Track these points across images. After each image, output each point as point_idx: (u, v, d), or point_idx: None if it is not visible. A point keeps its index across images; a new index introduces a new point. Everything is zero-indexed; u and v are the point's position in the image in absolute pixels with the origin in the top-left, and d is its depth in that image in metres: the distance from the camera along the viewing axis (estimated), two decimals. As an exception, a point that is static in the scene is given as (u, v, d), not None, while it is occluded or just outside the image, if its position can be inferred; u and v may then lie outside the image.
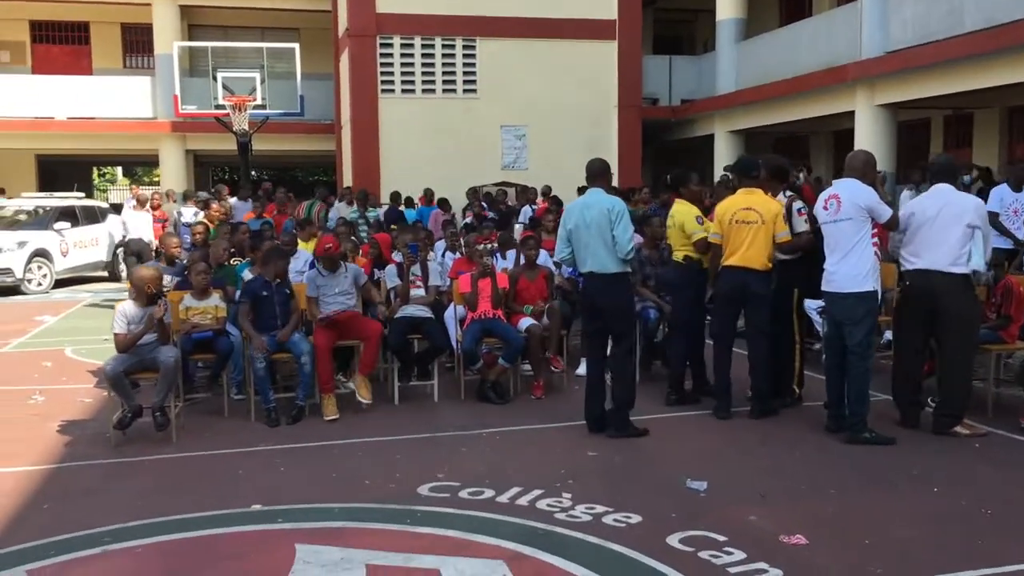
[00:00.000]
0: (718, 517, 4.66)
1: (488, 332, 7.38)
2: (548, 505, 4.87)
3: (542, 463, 5.65)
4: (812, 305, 8.13)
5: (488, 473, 5.42)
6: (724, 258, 6.56)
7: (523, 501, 4.94)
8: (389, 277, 7.73)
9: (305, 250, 8.91)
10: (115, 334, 6.23)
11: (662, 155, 23.53)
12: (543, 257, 8.08)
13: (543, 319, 7.51)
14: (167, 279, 7.75)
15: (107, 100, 22.60)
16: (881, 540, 4.38)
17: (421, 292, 7.63)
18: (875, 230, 5.92)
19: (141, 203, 15.15)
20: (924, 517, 4.71)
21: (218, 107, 16.43)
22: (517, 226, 10.45)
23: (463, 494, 5.06)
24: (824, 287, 6.07)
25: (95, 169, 42.07)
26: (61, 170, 27.11)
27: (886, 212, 5.88)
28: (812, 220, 6.40)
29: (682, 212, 6.96)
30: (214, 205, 11.79)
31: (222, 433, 6.49)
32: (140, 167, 40.07)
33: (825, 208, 6.01)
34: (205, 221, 11.70)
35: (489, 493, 5.06)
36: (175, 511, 4.84)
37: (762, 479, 5.28)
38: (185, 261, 8.16)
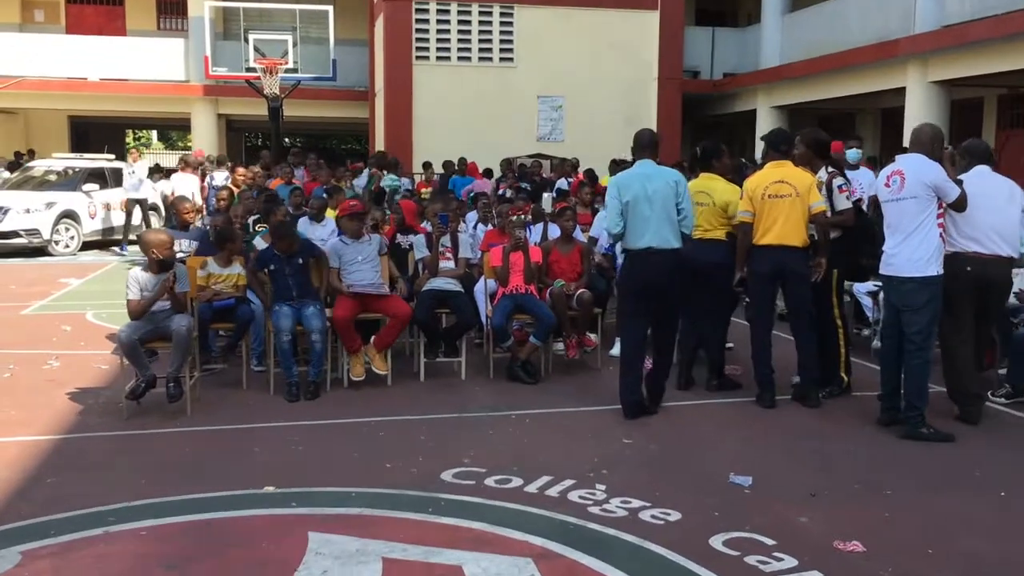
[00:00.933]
0: (765, 517, 4.29)
1: (520, 308, 7.03)
2: (580, 497, 4.52)
3: (574, 450, 5.31)
4: (861, 288, 7.74)
5: (516, 459, 5.08)
6: (757, 236, 6.13)
7: (553, 492, 4.60)
8: (418, 248, 7.37)
9: (332, 218, 8.61)
10: (128, 300, 5.95)
11: (702, 130, 22.86)
12: (576, 232, 7.70)
13: (572, 299, 7.11)
14: (184, 244, 7.47)
15: (140, 62, 22.42)
16: (945, 550, 4.00)
17: (451, 265, 7.26)
18: (940, 211, 5.47)
19: (190, 165, 14.92)
20: (990, 525, 4.31)
21: (249, 70, 16.12)
22: (546, 196, 10.02)
23: (489, 482, 4.73)
24: (883, 270, 5.64)
25: (131, 132, 42.20)
26: (94, 132, 27.06)
27: (954, 191, 5.41)
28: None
29: (726, 191, 6.50)
30: (239, 169, 11.49)
31: (239, 406, 6.20)
32: (173, 131, 39.97)
33: (887, 185, 5.57)
34: (230, 186, 11.45)
35: (517, 482, 4.73)
36: (184, 490, 4.55)
37: (811, 475, 4.90)
38: (204, 225, 7.86)
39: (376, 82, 20.53)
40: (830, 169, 6.36)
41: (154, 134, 43.64)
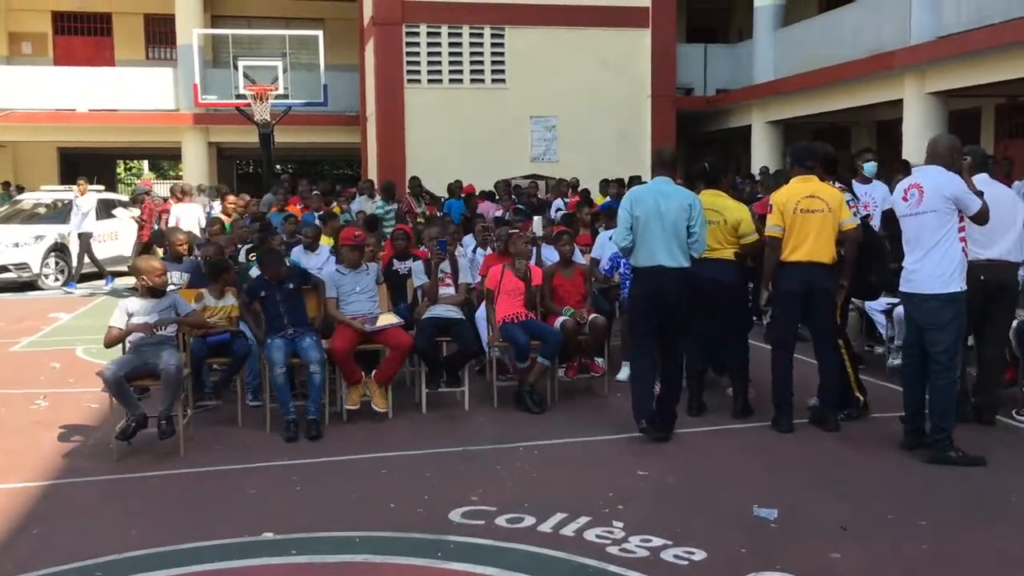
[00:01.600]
0: (795, 554, 4.04)
1: (525, 332, 6.79)
2: (597, 536, 4.27)
3: (587, 484, 5.06)
4: (875, 306, 7.52)
5: (528, 495, 4.83)
6: (786, 253, 5.90)
7: (568, 531, 4.35)
8: (416, 275, 7.13)
9: (327, 246, 8.38)
10: (108, 327, 5.74)
11: (696, 147, 22.77)
12: (575, 254, 7.50)
13: (584, 326, 6.89)
14: (176, 276, 7.23)
15: (129, 92, 22.21)
16: (990, 585, 3.76)
17: (451, 291, 7.03)
18: (962, 223, 5.26)
19: (186, 193, 14.52)
20: (1034, 556, 4.07)
21: (239, 97, 15.94)
22: (537, 219, 9.79)
23: (500, 521, 4.48)
24: (903, 287, 5.42)
25: (122, 163, 41.95)
26: (84, 163, 26.78)
27: (975, 203, 5.20)
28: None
29: (737, 208, 6.30)
30: (229, 197, 11.25)
31: (234, 446, 5.94)
32: (165, 160, 39.75)
33: (905, 199, 5.36)
34: (221, 216, 11.21)
35: (530, 520, 4.47)
36: (177, 539, 4.29)
37: (839, 506, 4.66)
38: (197, 258, 7.62)
39: (368, 106, 20.34)
40: (837, 184, 6.17)
41: (145, 164, 43.45)
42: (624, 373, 7.60)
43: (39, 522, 4.60)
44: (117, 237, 17.18)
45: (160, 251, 8.56)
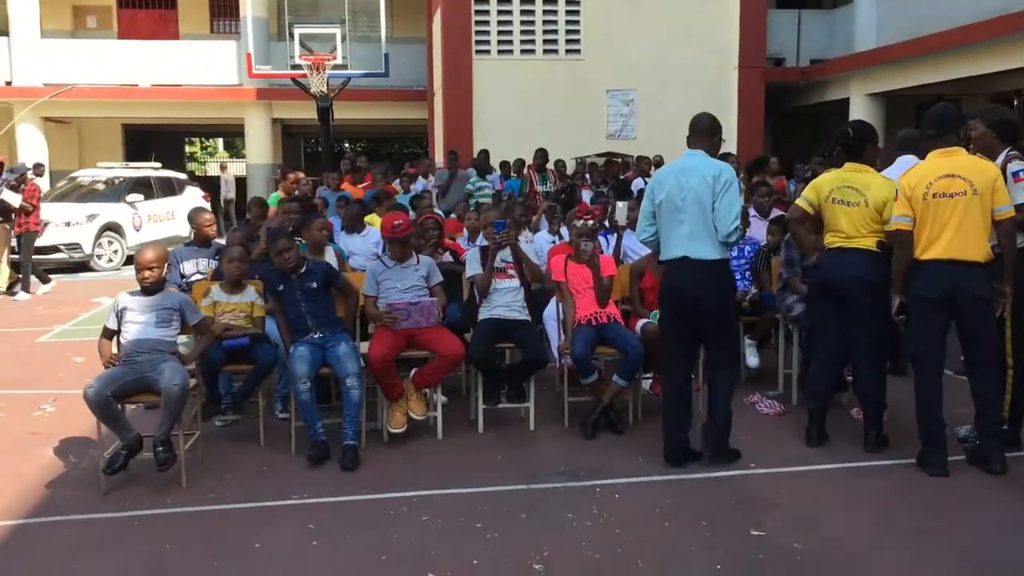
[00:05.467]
0: None
1: (600, 339, 5.62)
2: (704, 638, 3.12)
3: (684, 547, 3.89)
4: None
5: (606, 563, 3.69)
6: (919, 250, 4.65)
7: (664, 627, 3.20)
8: (470, 264, 5.95)
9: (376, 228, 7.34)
10: (105, 327, 4.80)
11: (786, 123, 21.22)
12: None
13: None
14: (203, 263, 6.25)
15: (192, 66, 21.63)
16: None
17: (511, 284, 5.78)
18: None
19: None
20: None
21: (295, 67, 14.97)
22: (620, 206, 8.39)
23: (571, 606, 3.36)
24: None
25: (198, 141, 41.75)
26: (153, 141, 26.41)
27: None
28: None
29: (883, 186, 4.95)
30: (289, 175, 10.26)
31: (248, 473, 4.91)
32: (237, 138, 39.25)
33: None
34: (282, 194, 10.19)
35: (610, 607, 3.34)
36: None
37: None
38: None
39: (434, 80, 19.30)
40: (1011, 151, 4.81)
41: (219, 142, 43.17)
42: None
43: (-14, 583, 3.65)
44: (174, 216, 16.51)
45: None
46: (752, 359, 6.62)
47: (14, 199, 11.35)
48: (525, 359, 5.59)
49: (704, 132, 4.83)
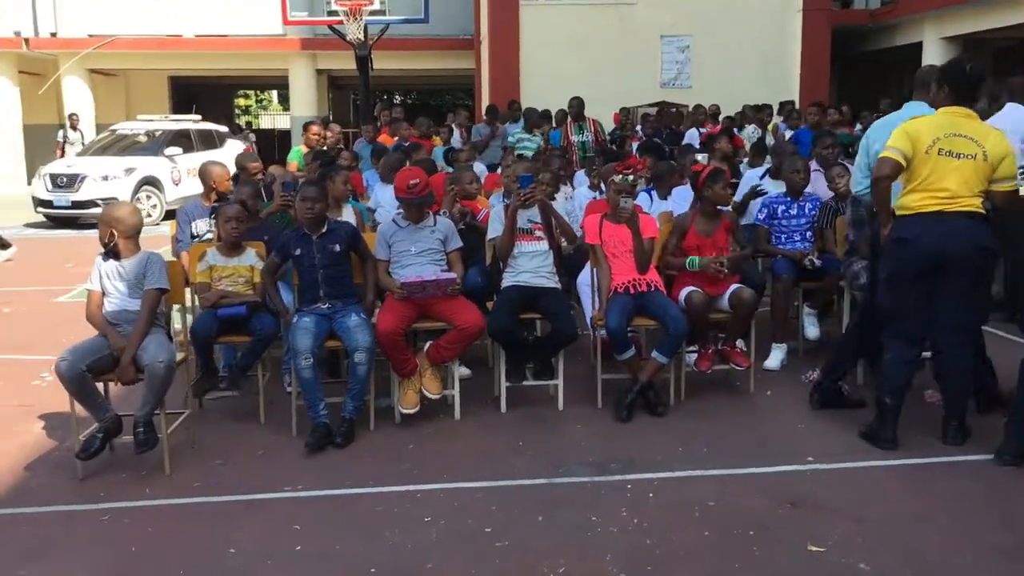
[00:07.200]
0: None
1: (639, 309, 5.00)
2: None
3: (728, 564, 3.28)
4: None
5: (633, 584, 3.12)
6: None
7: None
8: (492, 225, 5.30)
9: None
10: (89, 292, 4.33)
11: (852, 70, 20.03)
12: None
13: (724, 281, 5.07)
14: (203, 224, 5.75)
15: (237, 16, 21.12)
16: None
17: (539, 248, 5.14)
18: None
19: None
20: None
21: (331, 14, 14.35)
22: (701, 158, 7.49)
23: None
24: None
25: (253, 94, 41.44)
26: (201, 93, 26.10)
27: None
28: None
29: (1001, 137, 4.20)
30: (312, 127, 9.69)
31: (241, 458, 4.41)
32: (275, 89, 38.77)
33: None
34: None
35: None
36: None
37: None
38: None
39: (481, 28, 18.55)
40: None
41: (274, 94, 42.76)
42: (775, 359, 5.74)
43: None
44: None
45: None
46: (811, 329, 5.94)
47: None
48: (553, 331, 4.98)
49: (921, 84, 4.69)
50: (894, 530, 3.54)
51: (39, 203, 14.53)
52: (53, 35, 21.05)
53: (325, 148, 9.15)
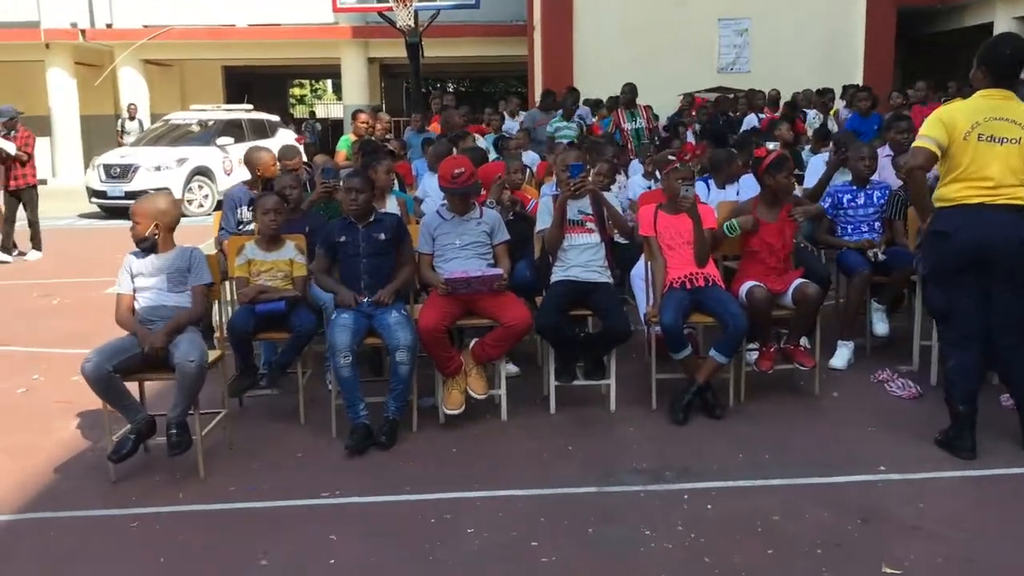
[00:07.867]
0: None
1: (696, 305, 4.72)
2: None
3: (793, 587, 3.02)
4: None
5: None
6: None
7: None
8: (541, 216, 5.02)
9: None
10: (118, 295, 4.18)
11: (917, 53, 19.32)
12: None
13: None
14: (248, 211, 5.60)
15: (289, 5, 21.14)
16: None
17: (590, 240, 4.86)
18: None
19: None
20: None
21: (380, 1, 14.19)
22: (771, 146, 7.12)
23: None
24: None
25: (308, 84, 41.68)
26: (255, 83, 26.22)
27: None
28: None
29: None
30: (361, 115, 9.52)
31: (277, 461, 4.24)
32: (328, 78, 38.86)
33: None
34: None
35: None
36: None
37: None
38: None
39: (534, 13, 18.26)
40: None
41: (328, 84, 42.94)
42: (842, 357, 5.42)
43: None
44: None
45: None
46: (880, 326, 5.60)
47: (9, 147, 10.02)
48: (605, 329, 4.72)
49: None
50: (978, 550, 3.23)
51: (93, 193, 14.66)
52: (109, 26, 21.27)
53: (373, 137, 8.99)
